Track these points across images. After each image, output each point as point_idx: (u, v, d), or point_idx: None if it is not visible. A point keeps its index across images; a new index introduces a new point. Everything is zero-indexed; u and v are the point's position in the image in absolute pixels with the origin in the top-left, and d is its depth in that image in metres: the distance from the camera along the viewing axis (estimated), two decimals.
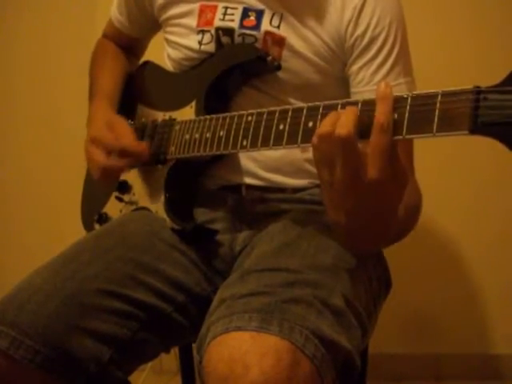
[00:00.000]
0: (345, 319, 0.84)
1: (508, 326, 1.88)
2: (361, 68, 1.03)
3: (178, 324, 1.01)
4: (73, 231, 1.20)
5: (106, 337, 0.91)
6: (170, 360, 1.77)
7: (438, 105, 0.67)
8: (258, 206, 1.09)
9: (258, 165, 1.09)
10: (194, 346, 1.12)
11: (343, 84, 1.07)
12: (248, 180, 1.09)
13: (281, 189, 1.10)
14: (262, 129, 0.89)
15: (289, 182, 1.10)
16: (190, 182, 1.12)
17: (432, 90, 0.69)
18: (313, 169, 1.09)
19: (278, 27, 1.06)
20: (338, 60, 1.05)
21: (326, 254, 0.92)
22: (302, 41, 1.05)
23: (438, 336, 1.92)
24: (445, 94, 0.67)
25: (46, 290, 0.90)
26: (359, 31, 1.02)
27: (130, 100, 1.25)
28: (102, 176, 1.06)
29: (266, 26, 1.06)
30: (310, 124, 0.82)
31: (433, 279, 1.89)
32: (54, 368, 0.87)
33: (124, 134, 1.07)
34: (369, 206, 0.78)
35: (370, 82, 1.02)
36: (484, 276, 1.89)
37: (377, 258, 1.05)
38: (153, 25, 1.24)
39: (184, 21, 1.13)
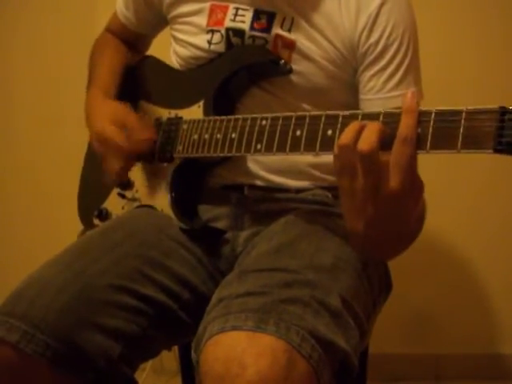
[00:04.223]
0: (342, 320, 0.84)
1: (508, 326, 1.90)
2: (373, 76, 1.04)
3: (183, 322, 1.01)
4: (73, 231, 1.20)
5: (115, 332, 0.91)
6: (170, 360, 1.78)
7: (462, 122, 0.69)
8: (260, 205, 1.10)
9: (260, 166, 1.09)
10: None
11: (352, 89, 1.08)
12: (250, 181, 1.10)
13: (283, 189, 1.11)
14: (277, 134, 0.90)
15: (291, 183, 1.11)
16: (195, 181, 1.12)
17: (456, 107, 0.70)
18: (316, 172, 1.11)
19: (289, 31, 1.06)
20: (349, 66, 1.06)
21: (325, 255, 0.93)
22: (312, 45, 1.06)
23: (438, 336, 1.93)
24: (469, 112, 0.69)
25: (57, 284, 0.90)
26: (373, 39, 1.02)
27: (131, 95, 1.23)
28: (118, 178, 1.10)
29: (276, 29, 1.06)
30: (330, 132, 0.83)
31: (433, 279, 1.91)
32: (64, 363, 0.87)
33: (130, 123, 1.08)
34: (387, 216, 0.79)
35: (381, 89, 1.03)
36: (484, 276, 1.91)
37: None
38: (160, 22, 1.23)
39: (194, 19, 1.13)
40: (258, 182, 1.10)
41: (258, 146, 0.93)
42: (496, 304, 1.91)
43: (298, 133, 0.87)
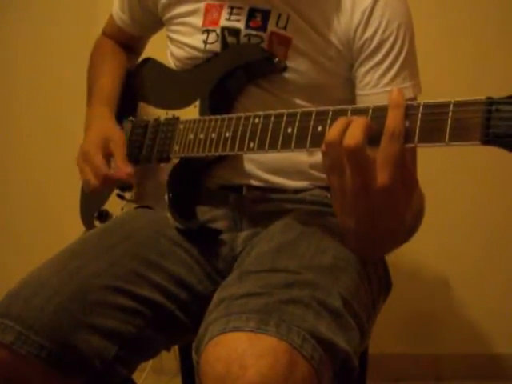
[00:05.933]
0: (343, 320, 0.84)
1: (508, 326, 1.89)
2: (368, 71, 1.04)
3: (181, 322, 1.01)
4: (73, 230, 1.20)
5: (111, 333, 0.91)
6: (170, 360, 1.78)
7: (450, 114, 0.68)
8: (258, 206, 1.09)
9: (258, 166, 1.09)
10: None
11: (349, 85, 1.07)
12: (248, 181, 1.10)
13: (282, 189, 1.10)
14: (269, 131, 0.89)
15: (289, 183, 1.10)
16: (193, 182, 1.12)
17: (444, 100, 0.69)
18: (314, 172, 1.11)
19: (285, 28, 1.06)
20: (345, 61, 1.06)
21: (325, 255, 0.92)
22: (308, 42, 1.05)
23: (437, 336, 1.93)
24: (457, 104, 0.68)
25: (53, 285, 0.90)
26: (368, 34, 1.02)
27: (130, 97, 1.25)
28: (92, 190, 1.09)
29: (272, 26, 1.06)
30: (320, 128, 0.82)
31: (433, 279, 1.90)
32: (58, 364, 0.87)
33: (116, 153, 1.09)
34: (378, 213, 0.78)
35: (376, 84, 1.03)
36: (484, 275, 1.90)
37: None
38: (155, 23, 1.23)
39: (189, 20, 1.13)
40: (256, 182, 1.10)
41: (251, 145, 0.92)
42: (496, 304, 1.89)
43: (290, 130, 0.86)
